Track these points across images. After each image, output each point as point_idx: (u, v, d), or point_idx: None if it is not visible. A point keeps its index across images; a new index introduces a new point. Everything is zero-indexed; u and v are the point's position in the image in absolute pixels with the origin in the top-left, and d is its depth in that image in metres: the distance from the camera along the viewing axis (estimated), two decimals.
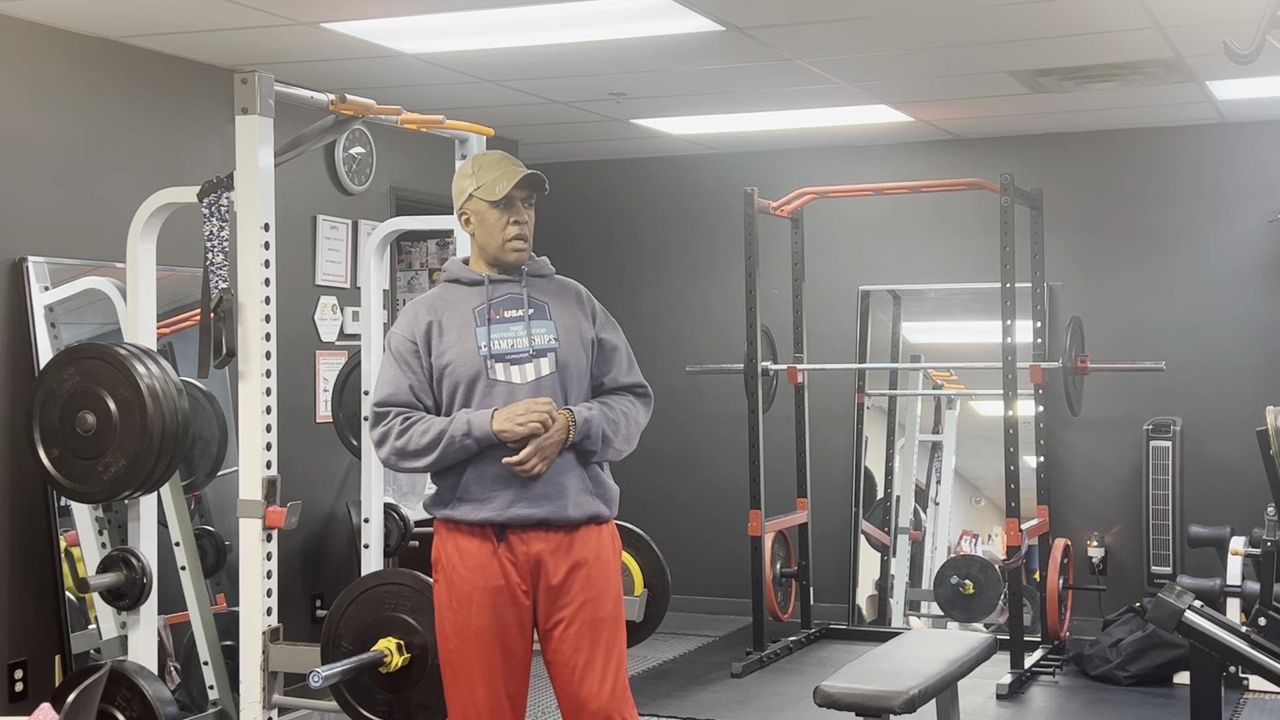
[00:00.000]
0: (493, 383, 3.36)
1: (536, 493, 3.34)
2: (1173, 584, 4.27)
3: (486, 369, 3.36)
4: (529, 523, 3.34)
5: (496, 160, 3.47)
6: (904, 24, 5.06)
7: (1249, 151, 7.13)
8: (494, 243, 3.44)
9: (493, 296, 3.44)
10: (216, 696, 5.20)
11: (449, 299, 3.47)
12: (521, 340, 3.41)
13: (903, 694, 3.81)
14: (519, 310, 3.44)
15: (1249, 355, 7.07)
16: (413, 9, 4.74)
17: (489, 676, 3.37)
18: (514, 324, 3.42)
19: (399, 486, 6.29)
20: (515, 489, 3.33)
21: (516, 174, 3.42)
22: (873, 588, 7.59)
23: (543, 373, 3.40)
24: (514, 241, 3.43)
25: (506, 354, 3.39)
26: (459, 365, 3.37)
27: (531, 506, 3.34)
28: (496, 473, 3.33)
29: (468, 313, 3.42)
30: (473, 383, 3.36)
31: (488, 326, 3.40)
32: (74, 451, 4.05)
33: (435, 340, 3.40)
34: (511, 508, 3.33)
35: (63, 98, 4.99)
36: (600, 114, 6.81)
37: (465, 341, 3.39)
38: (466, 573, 3.36)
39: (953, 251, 7.56)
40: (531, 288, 3.48)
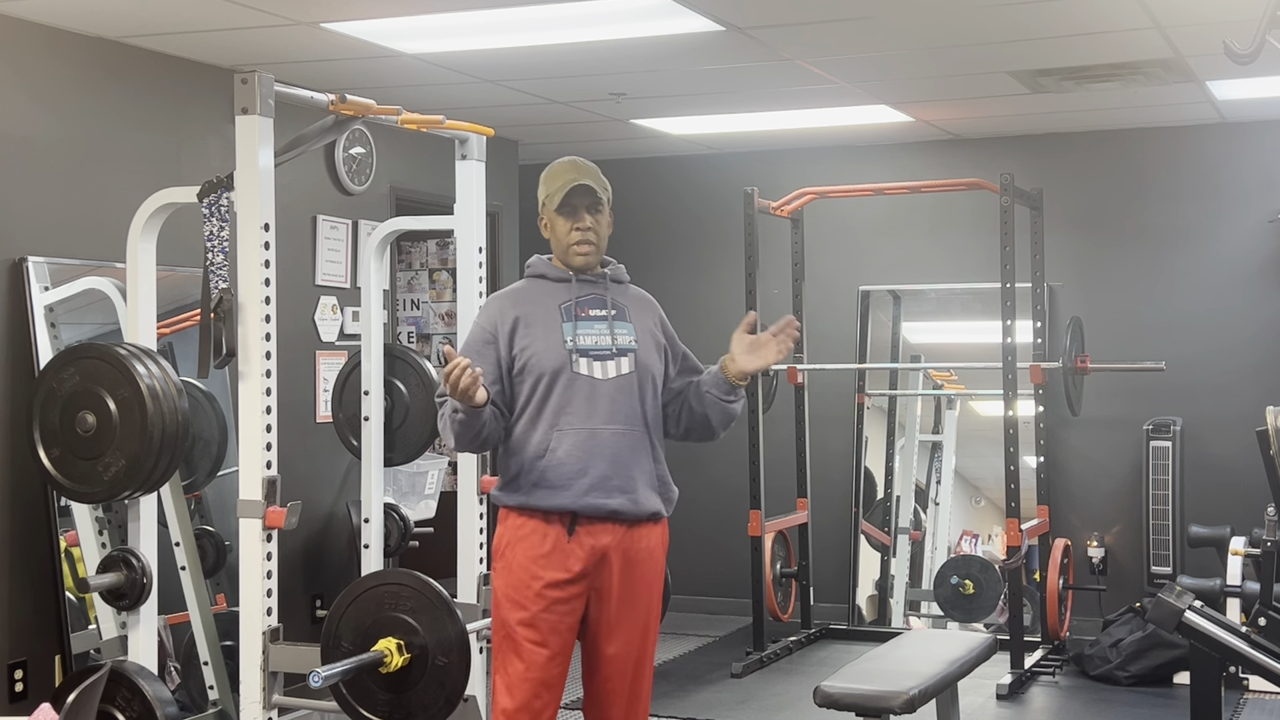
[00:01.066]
0: (575, 376, 3.46)
1: (612, 484, 3.44)
2: (1173, 584, 4.27)
3: (571, 363, 3.46)
4: (601, 513, 3.44)
5: (562, 169, 3.61)
6: (904, 24, 5.06)
7: (1249, 151, 7.13)
8: (561, 247, 3.58)
9: (579, 294, 3.56)
10: (216, 696, 5.20)
11: (534, 293, 3.58)
12: (605, 338, 3.52)
13: (903, 694, 3.81)
14: (603, 310, 3.56)
15: (1249, 355, 7.07)
16: (413, 9, 4.74)
17: (534, 665, 3.45)
18: (598, 322, 3.54)
19: (399, 486, 6.29)
20: (591, 478, 3.43)
21: (571, 183, 3.54)
22: (873, 588, 7.59)
23: (623, 371, 3.51)
24: (578, 245, 3.54)
25: (590, 350, 3.50)
26: (544, 358, 3.46)
27: (605, 496, 3.44)
28: (575, 463, 3.42)
29: (553, 308, 3.53)
30: (556, 375, 3.46)
31: (574, 323, 3.51)
32: (74, 451, 4.05)
33: (518, 332, 3.50)
34: (587, 495, 3.42)
35: (63, 98, 4.99)
36: (600, 114, 6.81)
37: (551, 335, 3.49)
38: (529, 562, 3.44)
39: (953, 251, 7.56)
40: (613, 291, 3.61)
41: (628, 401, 3.50)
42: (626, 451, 3.48)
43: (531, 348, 3.48)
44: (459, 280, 4.73)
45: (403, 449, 5.24)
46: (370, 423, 4.99)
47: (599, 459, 3.44)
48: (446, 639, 3.69)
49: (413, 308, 8.38)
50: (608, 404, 3.47)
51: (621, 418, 3.48)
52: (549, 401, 3.46)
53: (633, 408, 3.51)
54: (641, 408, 3.52)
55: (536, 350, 3.47)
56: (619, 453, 3.46)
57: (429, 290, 8.36)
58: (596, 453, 3.44)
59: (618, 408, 3.48)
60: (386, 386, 5.12)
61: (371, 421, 4.99)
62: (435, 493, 6.58)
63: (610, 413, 3.47)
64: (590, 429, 3.45)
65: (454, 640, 3.69)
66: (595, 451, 3.44)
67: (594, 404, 3.46)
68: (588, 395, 3.46)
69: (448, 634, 3.69)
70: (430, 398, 5.21)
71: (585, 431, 3.44)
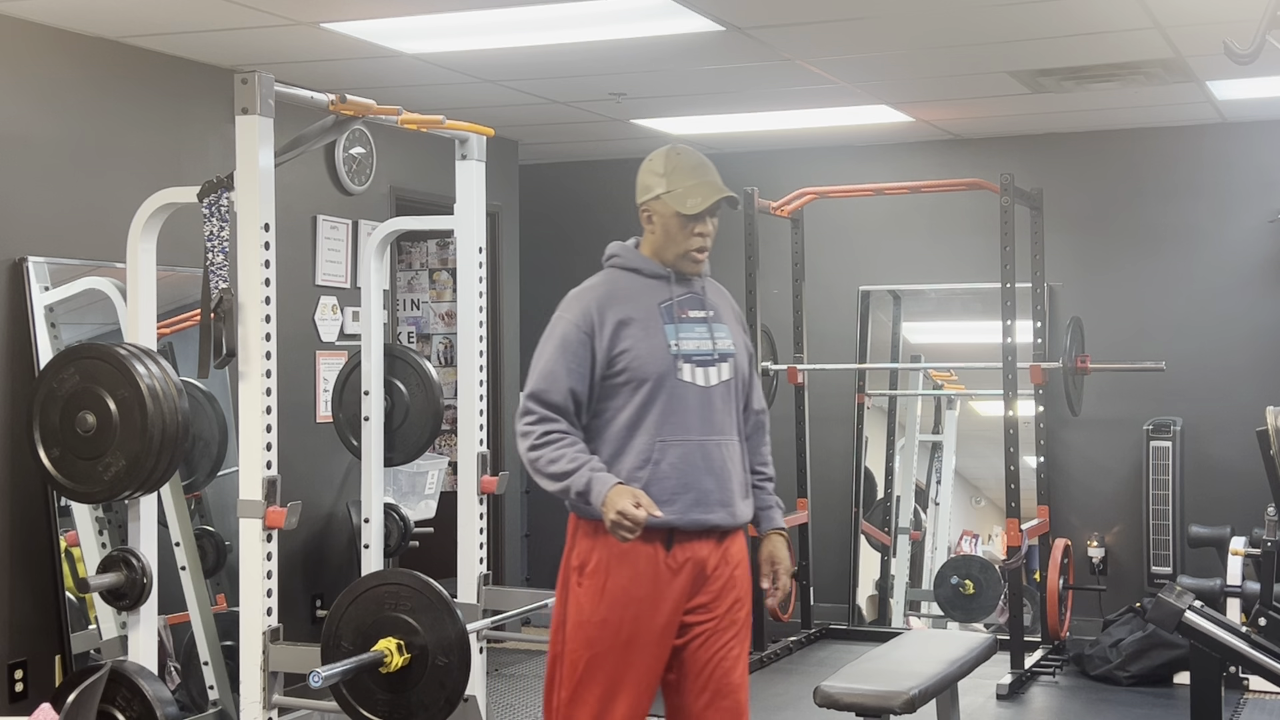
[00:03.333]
0: (680, 383, 3.26)
1: (714, 499, 3.27)
2: (1173, 584, 4.27)
3: (676, 369, 3.26)
4: (702, 528, 3.27)
5: (692, 167, 3.34)
6: (904, 24, 5.06)
7: (1249, 151, 7.13)
8: (674, 249, 3.33)
9: (677, 294, 3.34)
10: (216, 696, 5.20)
11: (628, 289, 3.33)
12: (706, 343, 3.32)
13: (903, 694, 3.81)
14: (701, 311, 3.35)
15: (1249, 355, 7.07)
16: (413, 9, 4.74)
17: (629, 688, 3.26)
18: (698, 325, 3.33)
19: (399, 486, 6.29)
20: (694, 492, 3.25)
21: (714, 193, 3.31)
22: (873, 588, 7.59)
23: (724, 377, 3.33)
24: (696, 253, 3.34)
25: (693, 355, 3.29)
26: (647, 361, 3.25)
27: (707, 512, 3.26)
28: (679, 478, 3.24)
29: (653, 307, 3.30)
30: (660, 381, 3.25)
31: (676, 324, 3.30)
32: (74, 451, 4.05)
33: (620, 333, 3.26)
34: (690, 512, 3.24)
35: (63, 98, 4.99)
36: (600, 114, 6.81)
37: (654, 337, 3.27)
38: (627, 582, 3.24)
39: (953, 251, 7.56)
40: (707, 290, 3.41)
41: (727, 410, 3.33)
42: (728, 463, 3.31)
43: (634, 350, 3.25)
44: (459, 280, 4.73)
45: (403, 449, 5.24)
46: (370, 423, 4.99)
47: (704, 473, 3.26)
48: (446, 639, 3.69)
49: (413, 308, 8.38)
50: (710, 414, 3.29)
51: (723, 427, 3.31)
52: (651, 409, 3.25)
53: (731, 416, 3.35)
54: (737, 415, 3.37)
55: (639, 353, 3.25)
56: (723, 465, 3.30)
57: (429, 290, 8.36)
58: (703, 466, 3.26)
59: (720, 417, 3.31)
60: (386, 386, 5.12)
61: (371, 421, 4.99)
62: (435, 493, 6.58)
63: (713, 423, 3.30)
64: (697, 441, 3.26)
65: (454, 640, 3.69)
66: (701, 465, 3.26)
67: (698, 414, 3.28)
68: (691, 404, 3.26)
69: (448, 634, 3.69)
70: (431, 398, 5.21)
71: (692, 444, 3.25)
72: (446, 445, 7.47)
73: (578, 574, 3.31)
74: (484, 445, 4.65)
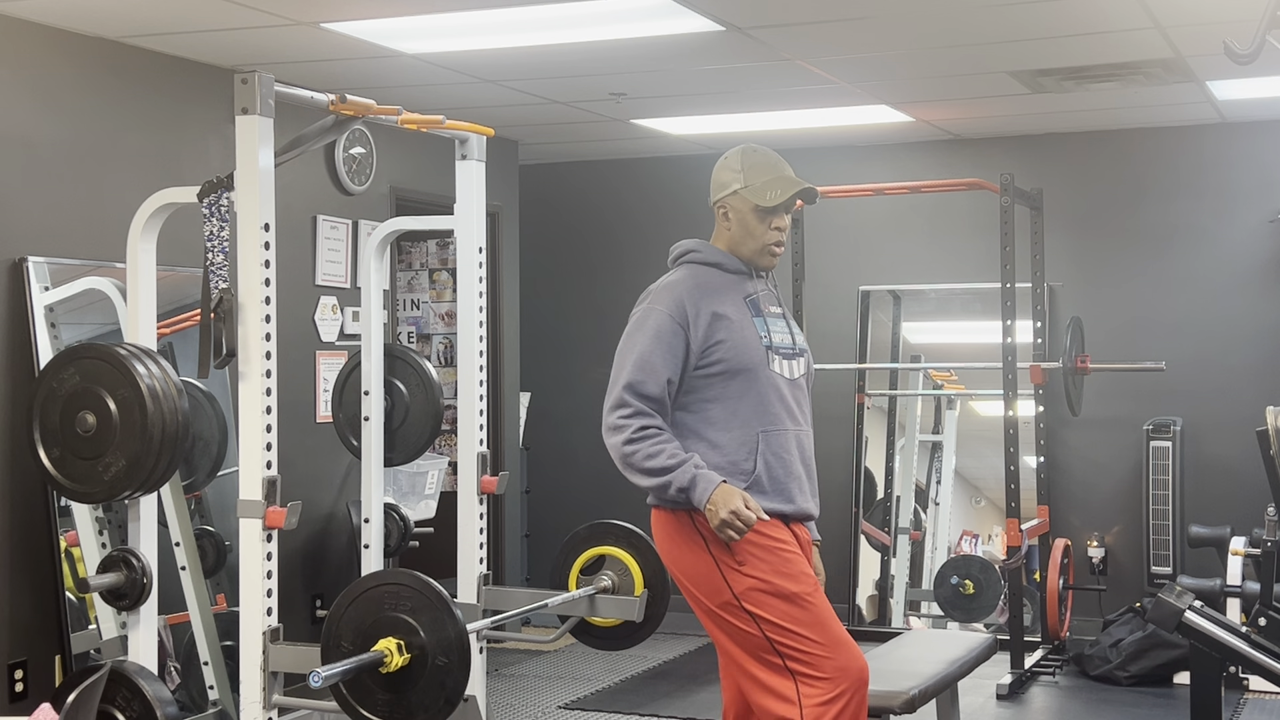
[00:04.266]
0: (772, 374, 3.35)
1: (807, 488, 3.44)
2: (1173, 584, 4.27)
3: (768, 360, 3.35)
4: (804, 514, 3.43)
5: (770, 163, 3.43)
6: (904, 24, 5.06)
7: (1249, 151, 7.13)
8: (752, 244, 3.41)
9: (760, 289, 3.45)
10: (216, 696, 5.20)
11: (713, 284, 3.39)
12: (788, 336, 3.43)
13: (903, 694, 3.81)
14: (777, 307, 3.46)
15: (1249, 355, 7.07)
16: (413, 9, 4.74)
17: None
18: (778, 320, 3.44)
19: (399, 486, 6.29)
20: (797, 481, 3.40)
21: (792, 186, 3.39)
22: (873, 588, 7.59)
23: (802, 371, 3.45)
24: (775, 247, 3.41)
25: (781, 348, 3.39)
26: (742, 353, 3.32)
27: (807, 500, 3.44)
28: (784, 467, 3.36)
29: (740, 301, 3.39)
30: (755, 372, 3.32)
31: (763, 318, 3.40)
32: (74, 451, 4.05)
33: (715, 325, 3.32)
34: (797, 500, 3.40)
35: (63, 98, 4.99)
36: (600, 114, 6.81)
37: (746, 330, 3.35)
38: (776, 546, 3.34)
39: (953, 251, 7.57)
40: (776, 287, 3.53)
41: (805, 403, 3.46)
42: (810, 454, 3.46)
43: (729, 341, 3.32)
44: (459, 280, 4.73)
45: (403, 449, 5.24)
46: (370, 423, 4.99)
47: (799, 461, 3.40)
48: (446, 639, 3.69)
49: (413, 308, 8.38)
50: (796, 405, 3.41)
51: (805, 419, 3.45)
52: (747, 400, 3.32)
53: (807, 409, 3.47)
54: (811, 407, 3.50)
55: (735, 344, 3.32)
56: (808, 456, 3.45)
57: (429, 290, 8.36)
58: (798, 456, 3.40)
59: (803, 408, 3.44)
60: (386, 386, 5.12)
61: (371, 421, 4.99)
62: (435, 493, 6.58)
63: (800, 413, 3.43)
64: (793, 430, 3.39)
65: (454, 640, 3.69)
66: (797, 455, 3.39)
67: (788, 404, 3.38)
68: (782, 395, 3.36)
69: (448, 634, 3.69)
70: (431, 398, 5.21)
71: (789, 434, 3.37)
72: (446, 445, 7.48)
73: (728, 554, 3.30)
74: (484, 445, 4.65)
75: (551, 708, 5.90)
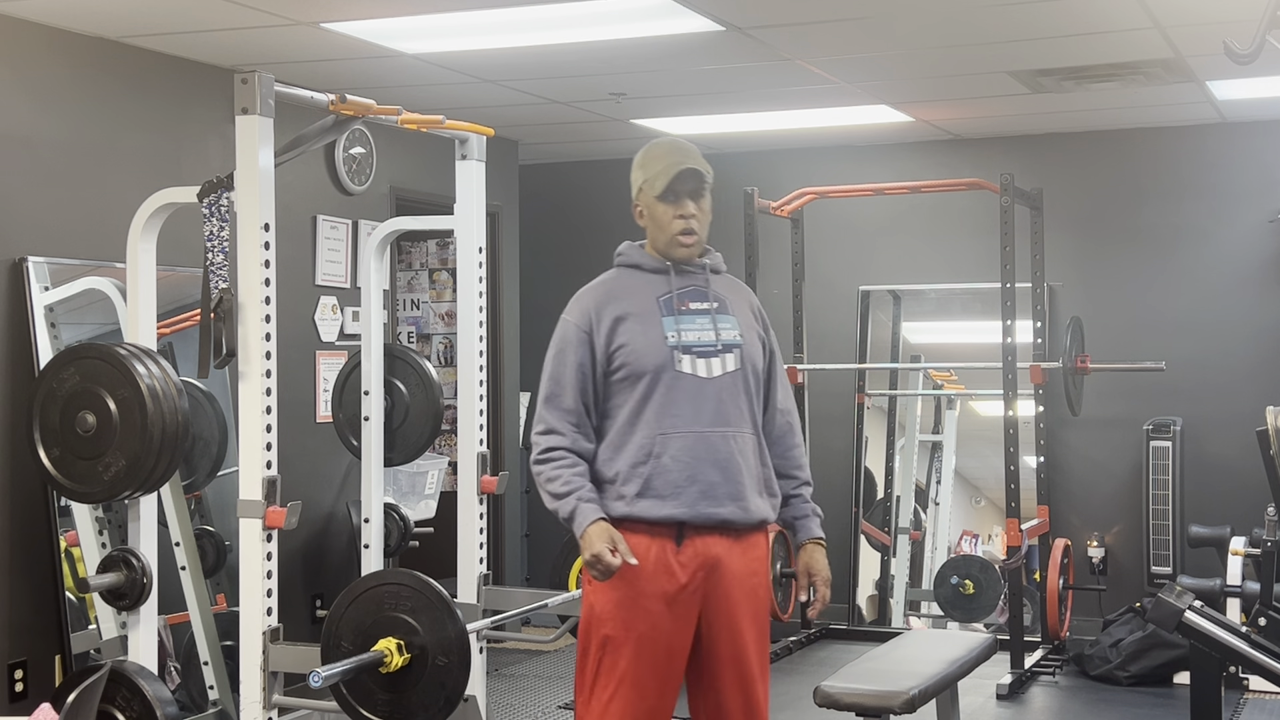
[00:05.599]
0: (679, 375, 3.24)
1: (722, 491, 3.23)
2: (1173, 584, 4.27)
3: (674, 360, 3.24)
4: (712, 522, 3.23)
5: (664, 151, 3.36)
6: (904, 24, 5.06)
7: (1249, 151, 7.13)
8: (663, 237, 3.34)
9: (678, 287, 3.33)
10: (216, 696, 5.20)
11: (629, 286, 3.35)
12: (709, 333, 3.29)
13: (903, 694, 3.81)
14: (704, 303, 3.33)
15: (1249, 355, 7.07)
16: (413, 9, 4.74)
17: (643, 686, 3.23)
18: (700, 316, 3.31)
19: (399, 486, 6.29)
20: (699, 485, 3.22)
21: (672, 170, 3.31)
22: (873, 588, 7.59)
23: (728, 369, 3.29)
24: (681, 236, 3.31)
25: (694, 346, 3.27)
26: (644, 355, 3.25)
27: (716, 505, 3.22)
28: (682, 470, 3.21)
29: (651, 301, 3.30)
30: (658, 374, 3.24)
31: (675, 317, 3.28)
32: (74, 451, 4.05)
33: (616, 328, 3.27)
34: (697, 504, 3.21)
35: (63, 98, 4.99)
36: (600, 114, 6.81)
37: (650, 331, 3.26)
38: (634, 575, 3.20)
39: (953, 251, 7.57)
40: (713, 282, 3.39)
41: (735, 402, 3.28)
42: (736, 455, 3.25)
43: (630, 345, 3.25)
44: (459, 280, 4.74)
45: (403, 449, 5.24)
46: (370, 423, 4.99)
47: (709, 465, 3.22)
48: (446, 639, 3.69)
49: (413, 308, 8.38)
50: (714, 404, 3.25)
51: (731, 419, 3.26)
52: (649, 403, 3.23)
53: (739, 407, 3.29)
54: (749, 406, 3.31)
55: (636, 348, 3.25)
56: (729, 457, 3.24)
57: (429, 290, 8.36)
58: (707, 458, 3.22)
59: (726, 409, 3.26)
60: (386, 386, 5.12)
61: (371, 421, 4.99)
62: (435, 493, 6.58)
63: (719, 414, 3.25)
64: (699, 432, 3.22)
65: (454, 640, 3.69)
66: (706, 457, 3.22)
67: (699, 405, 3.24)
68: (693, 396, 3.23)
69: (448, 634, 3.69)
70: (431, 398, 5.21)
71: (693, 435, 3.21)
72: (446, 445, 7.47)
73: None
74: (484, 445, 4.65)
75: (551, 708, 5.90)
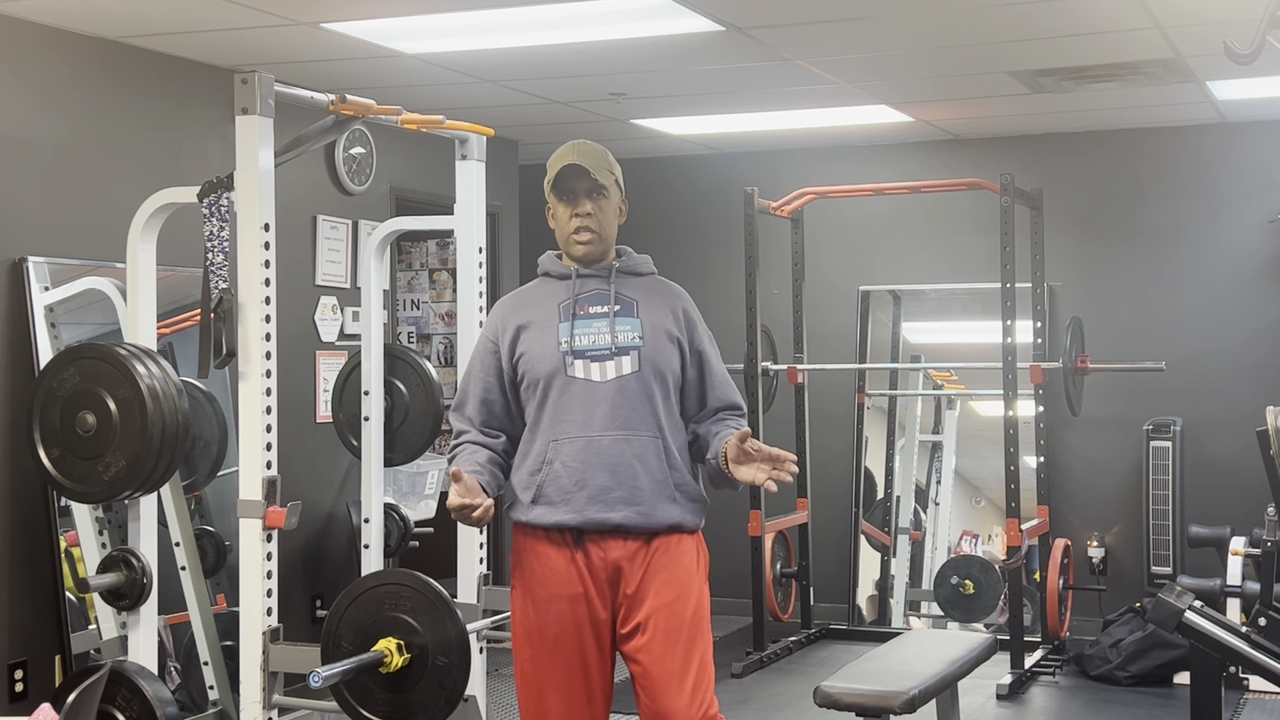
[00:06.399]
0: (570, 380, 3.24)
1: (614, 496, 3.21)
2: (1173, 584, 4.27)
3: (565, 366, 3.25)
4: (605, 527, 3.22)
5: (563, 150, 3.39)
6: (904, 24, 5.06)
7: (1249, 151, 7.13)
8: (562, 236, 3.35)
9: (579, 291, 3.33)
10: (216, 696, 5.20)
11: (538, 294, 3.38)
12: (604, 337, 3.28)
13: (903, 694, 3.81)
14: (604, 306, 3.31)
15: (1249, 355, 7.07)
16: (413, 9, 4.74)
17: (564, 688, 3.26)
18: (598, 320, 3.30)
19: (399, 486, 6.29)
20: (588, 490, 3.21)
21: (562, 163, 3.33)
22: (873, 588, 7.59)
23: (624, 371, 3.26)
24: (577, 234, 3.32)
25: (587, 350, 3.26)
26: (538, 362, 3.27)
27: (607, 510, 3.21)
28: (571, 475, 3.21)
29: (553, 308, 3.32)
30: (550, 380, 3.26)
31: (571, 322, 3.29)
32: (74, 451, 4.05)
33: (518, 337, 3.31)
34: (586, 510, 3.21)
35: (63, 98, 4.99)
36: (600, 114, 6.81)
37: (546, 337, 3.29)
38: (544, 577, 3.26)
39: (953, 251, 7.57)
40: (621, 284, 3.36)
41: (631, 404, 3.24)
42: (630, 459, 3.22)
43: (529, 353, 3.28)
44: (459, 280, 4.73)
45: (403, 449, 5.24)
46: (370, 423, 4.99)
47: (598, 469, 3.21)
48: (446, 639, 3.69)
49: (413, 308, 8.38)
50: (606, 408, 3.22)
51: (627, 423, 3.23)
52: (545, 409, 3.25)
53: (637, 410, 3.25)
54: (651, 410, 3.26)
55: (532, 356, 3.28)
56: (622, 461, 3.21)
57: (429, 290, 8.36)
58: (596, 463, 3.21)
59: (621, 413, 3.23)
60: (386, 386, 5.12)
61: (371, 421, 4.99)
62: (435, 493, 6.58)
63: (610, 417, 3.22)
64: (588, 437, 3.21)
65: (454, 640, 3.69)
66: (595, 461, 3.21)
67: (591, 409, 3.22)
68: (584, 400, 3.22)
69: (448, 634, 3.69)
70: (431, 398, 5.21)
71: (582, 440, 3.21)
72: (446, 445, 7.47)
73: (512, 576, 3.39)
74: None
75: None
